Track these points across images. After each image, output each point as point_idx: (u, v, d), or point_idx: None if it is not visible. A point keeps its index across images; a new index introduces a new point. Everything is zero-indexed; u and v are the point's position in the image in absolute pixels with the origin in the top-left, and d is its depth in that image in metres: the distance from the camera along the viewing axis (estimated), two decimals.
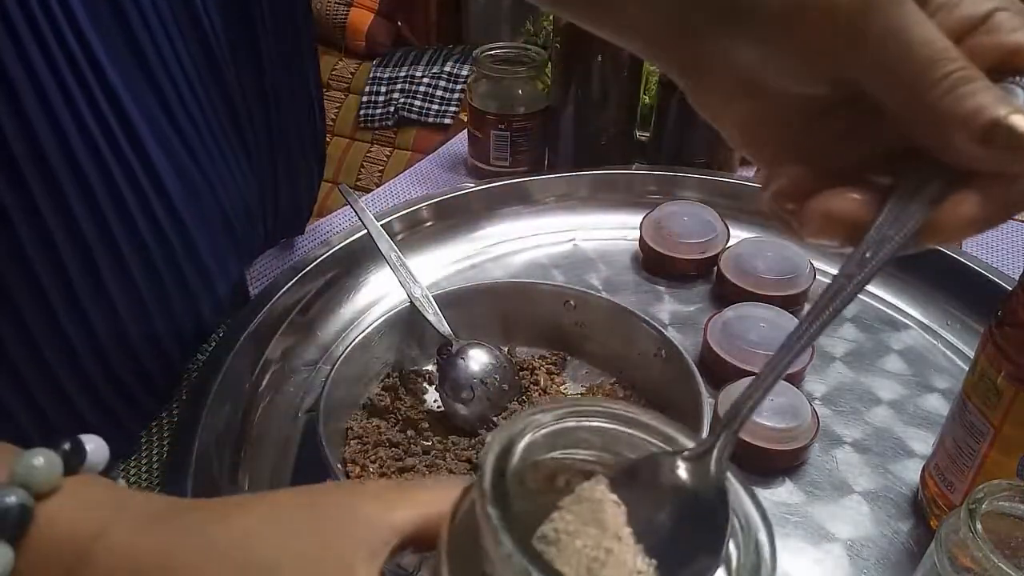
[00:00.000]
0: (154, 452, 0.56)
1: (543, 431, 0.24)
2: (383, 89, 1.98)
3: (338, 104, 2.01)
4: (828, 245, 0.29)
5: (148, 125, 0.48)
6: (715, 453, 0.25)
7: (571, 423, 0.24)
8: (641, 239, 0.73)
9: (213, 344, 0.59)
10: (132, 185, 0.48)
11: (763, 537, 0.23)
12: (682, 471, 0.25)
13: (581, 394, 0.58)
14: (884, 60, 0.27)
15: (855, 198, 0.28)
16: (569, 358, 0.62)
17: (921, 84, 0.26)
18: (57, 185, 0.44)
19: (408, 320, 0.59)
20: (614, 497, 0.24)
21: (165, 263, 0.51)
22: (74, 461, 0.29)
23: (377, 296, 0.68)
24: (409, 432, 0.55)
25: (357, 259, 0.69)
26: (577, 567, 0.22)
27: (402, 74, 1.98)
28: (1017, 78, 0.27)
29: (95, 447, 0.30)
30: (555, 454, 0.24)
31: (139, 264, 0.49)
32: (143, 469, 0.54)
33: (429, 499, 0.27)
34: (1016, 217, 0.84)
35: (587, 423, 0.25)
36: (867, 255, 0.27)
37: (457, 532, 0.23)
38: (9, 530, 0.27)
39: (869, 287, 0.74)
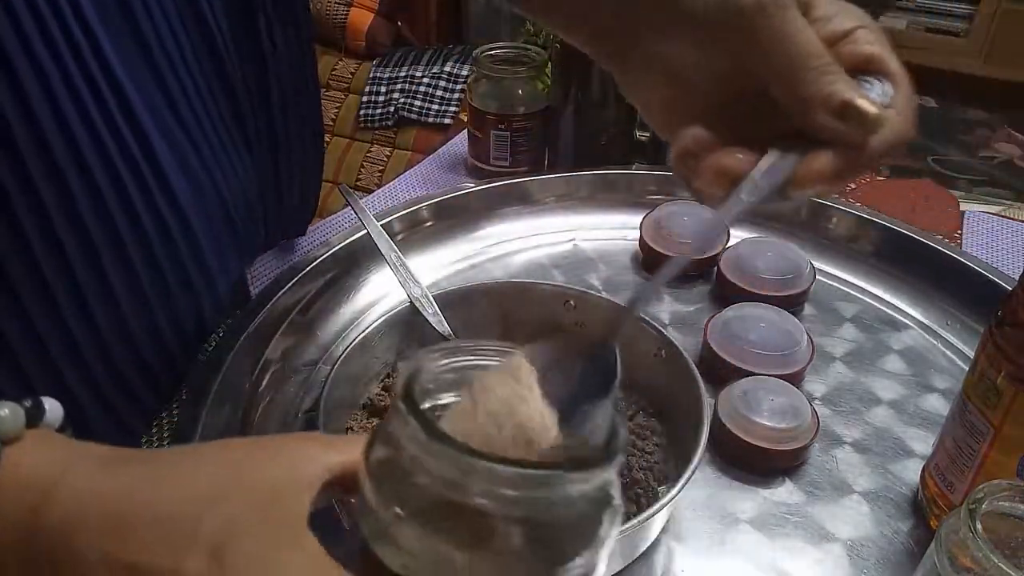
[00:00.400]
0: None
1: (441, 360, 0.28)
2: (383, 89, 1.98)
3: (338, 104, 2.01)
4: (715, 193, 0.37)
5: (152, 117, 0.48)
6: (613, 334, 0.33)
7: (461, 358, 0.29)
8: (641, 239, 0.73)
9: (213, 344, 0.59)
10: (136, 177, 0.48)
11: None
12: (584, 346, 0.33)
13: None
14: (773, 55, 0.36)
15: (739, 156, 0.37)
16: None
17: (798, 73, 0.36)
18: (61, 176, 0.44)
19: (408, 320, 0.59)
20: (527, 362, 0.29)
21: (167, 257, 0.52)
22: (35, 416, 0.31)
23: (377, 296, 0.68)
24: None
25: (357, 259, 0.69)
26: (487, 423, 0.27)
27: (402, 74, 1.98)
28: (869, 77, 0.37)
29: (52, 407, 0.32)
30: (451, 373, 0.29)
31: (141, 257, 0.50)
32: None
33: (353, 446, 0.30)
34: (1016, 217, 0.84)
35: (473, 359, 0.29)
36: (742, 196, 0.36)
37: (373, 454, 0.27)
38: None
39: (869, 287, 0.74)
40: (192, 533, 0.28)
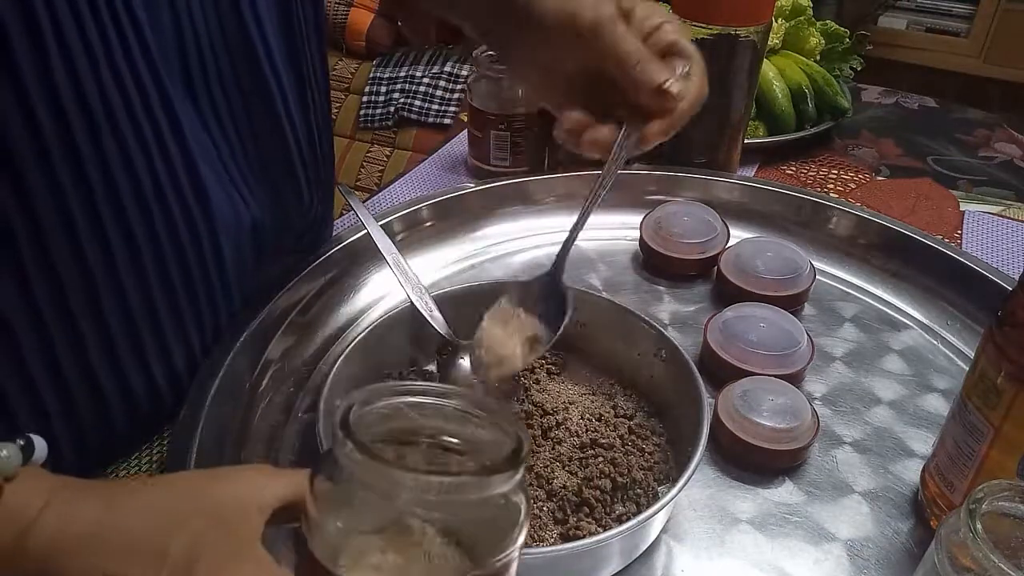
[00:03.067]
0: (154, 452, 0.56)
1: (377, 400, 0.32)
2: (383, 89, 1.98)
3: (338, 104, 2.01)
4: (594, 156, 0.52)
5: (198, 146, 0.51)
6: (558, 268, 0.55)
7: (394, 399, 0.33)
8: (641, 239, 0.73)
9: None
10: (179, 198, 0.50)
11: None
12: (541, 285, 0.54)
13: (583, 395, 0.58)
14: (610, 56, 0.51)
15: (606, 130, 0.51)
16: (569, 358, 0.61)
17: (626, 69, 0.50)
18: (121, 206, 0.47)
19: (408, 320, 0.59)
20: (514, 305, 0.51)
21: (201, 279, 0.54)
22: (28, 453, 0.35)
23: (377, 296, 0.68)
24: None
25: (357, 259, 0.69)
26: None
27: (402, 74, 1.98)
28: (675, 57, 0.52)
29: (39, 444, 0.36)
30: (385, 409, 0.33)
31: (156, 268, 0.51)
32: (143, 469, 0.55)
33: (299, 476, 0.34)
34: (1016, 217, 0.84)
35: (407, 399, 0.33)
36: (614, 156, 0.52)
37: (317, 478, 0.31)
38: None
39: (869, 287, 0.74)
40: (162, 550, 0.32)
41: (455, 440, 0.32)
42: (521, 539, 0.31)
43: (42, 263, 0.45)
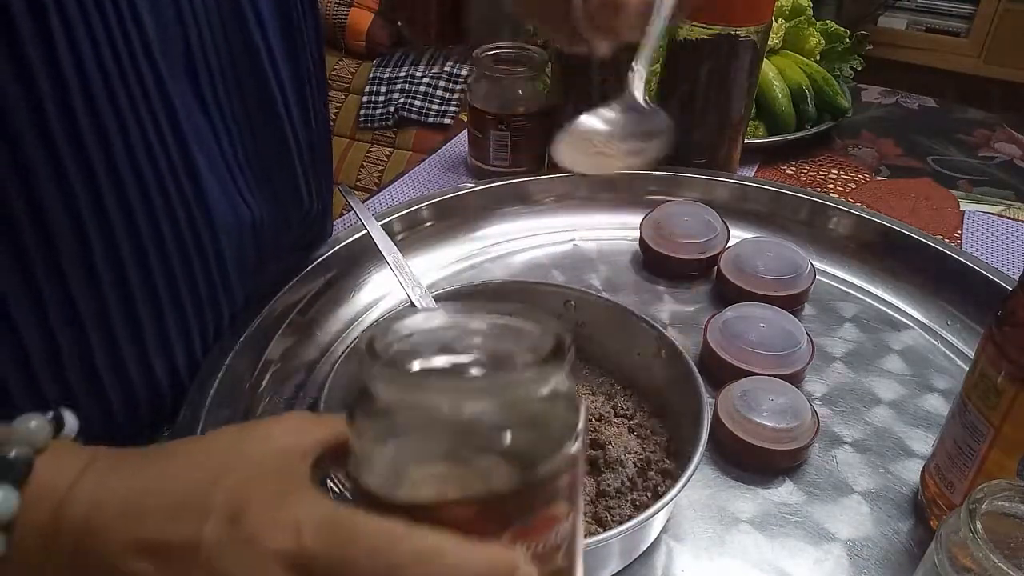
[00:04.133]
0: None
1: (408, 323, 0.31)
2: (383, 89, 1.98)
3: (338, 104, 2.01)
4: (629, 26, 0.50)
5: (199, 147, 0.51)
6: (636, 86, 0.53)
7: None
8: (641, 239, 0.73)
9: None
10: (182, 201, 0.50)
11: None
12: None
13: (583, 395, 0.58)
14: None
15: None
16: None
17: None
18: (130, 208, 0.47)
19: None
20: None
21: (206, 283, 0.54)
22: (58, 427, 0.34)
23: (377, 296, 0.68)
24: None
25: (357, 259, 0.69)
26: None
27: (402, 74, 1.98)
28: None
29: (69, 418, 0.35)
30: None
31: (159, 262, 0.51)
32: None
33: (338, 421, 0.32)
34: (1016, 217, 0.84)
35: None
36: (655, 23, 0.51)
37: (357, 419, 0.29)
38: (16, 475, 0.31)
39: (869, 287, 0.74)
40: (204, 506, 0.30)
41: (489, 350, 0.30)
42: (576, 448, 0.29)
43: (47, 256, 0.45)
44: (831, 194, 0.87)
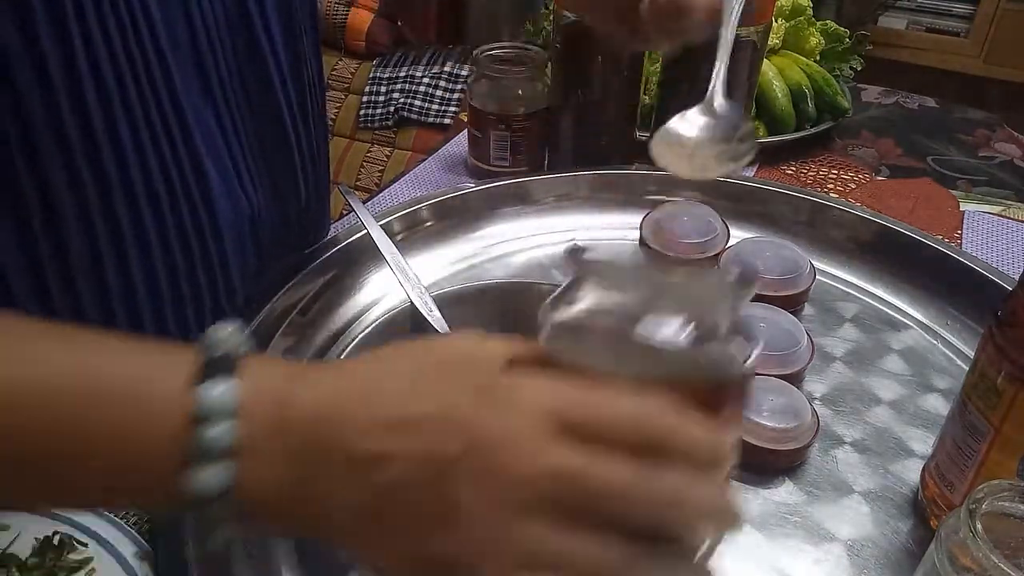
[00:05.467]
0: None
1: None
2: (383, 89, 1.98)
3: (338, 104, 2.01)
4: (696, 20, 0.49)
5: (204, 143, 0.52)
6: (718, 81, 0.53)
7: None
8: (641, 239, 0.73)
9: None
10: (187, 199, 0.51)
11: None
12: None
13: None
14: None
15: None
16: None
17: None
18: (135, 201, 0.48)
19: (408, 320, 0.59)
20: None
21: (186, 256, 0.54)
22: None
23: (377, 296, 0.68)
24: None
25: (357, 259, 0.68)
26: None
27: (402, 74, 1.98)
28: None
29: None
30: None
31: (162, 256, 0.51)
32: None
33: (515, 341, 0.34)
34: (1016, 217, 0.84)
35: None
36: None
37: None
38: (230, 368, 0.30)
39: (869, 287, 0.74)
40: (449, 383, 0.31)
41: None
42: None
43: (55, 255, 0.46)
44: (831, 194, 0.87)
